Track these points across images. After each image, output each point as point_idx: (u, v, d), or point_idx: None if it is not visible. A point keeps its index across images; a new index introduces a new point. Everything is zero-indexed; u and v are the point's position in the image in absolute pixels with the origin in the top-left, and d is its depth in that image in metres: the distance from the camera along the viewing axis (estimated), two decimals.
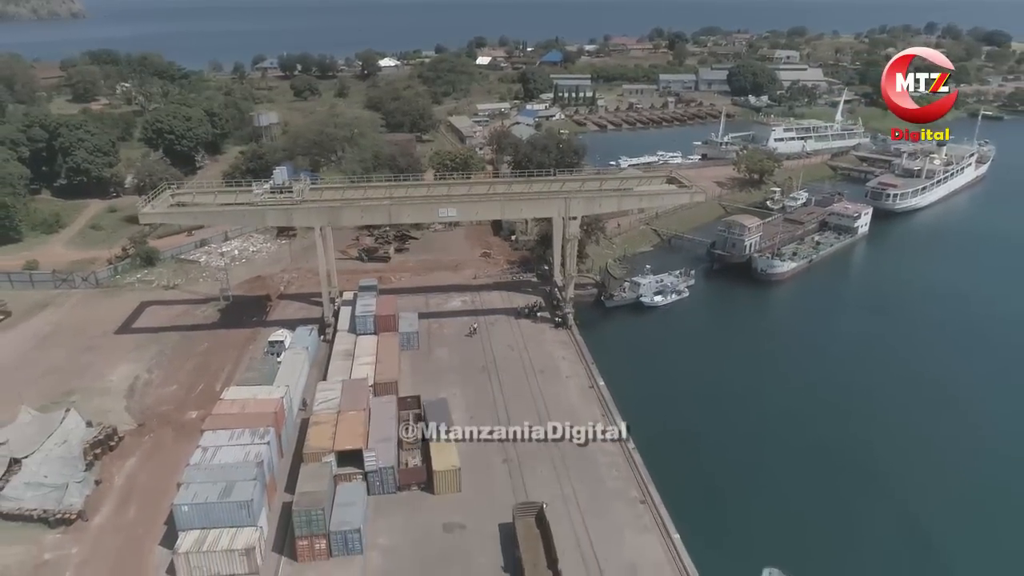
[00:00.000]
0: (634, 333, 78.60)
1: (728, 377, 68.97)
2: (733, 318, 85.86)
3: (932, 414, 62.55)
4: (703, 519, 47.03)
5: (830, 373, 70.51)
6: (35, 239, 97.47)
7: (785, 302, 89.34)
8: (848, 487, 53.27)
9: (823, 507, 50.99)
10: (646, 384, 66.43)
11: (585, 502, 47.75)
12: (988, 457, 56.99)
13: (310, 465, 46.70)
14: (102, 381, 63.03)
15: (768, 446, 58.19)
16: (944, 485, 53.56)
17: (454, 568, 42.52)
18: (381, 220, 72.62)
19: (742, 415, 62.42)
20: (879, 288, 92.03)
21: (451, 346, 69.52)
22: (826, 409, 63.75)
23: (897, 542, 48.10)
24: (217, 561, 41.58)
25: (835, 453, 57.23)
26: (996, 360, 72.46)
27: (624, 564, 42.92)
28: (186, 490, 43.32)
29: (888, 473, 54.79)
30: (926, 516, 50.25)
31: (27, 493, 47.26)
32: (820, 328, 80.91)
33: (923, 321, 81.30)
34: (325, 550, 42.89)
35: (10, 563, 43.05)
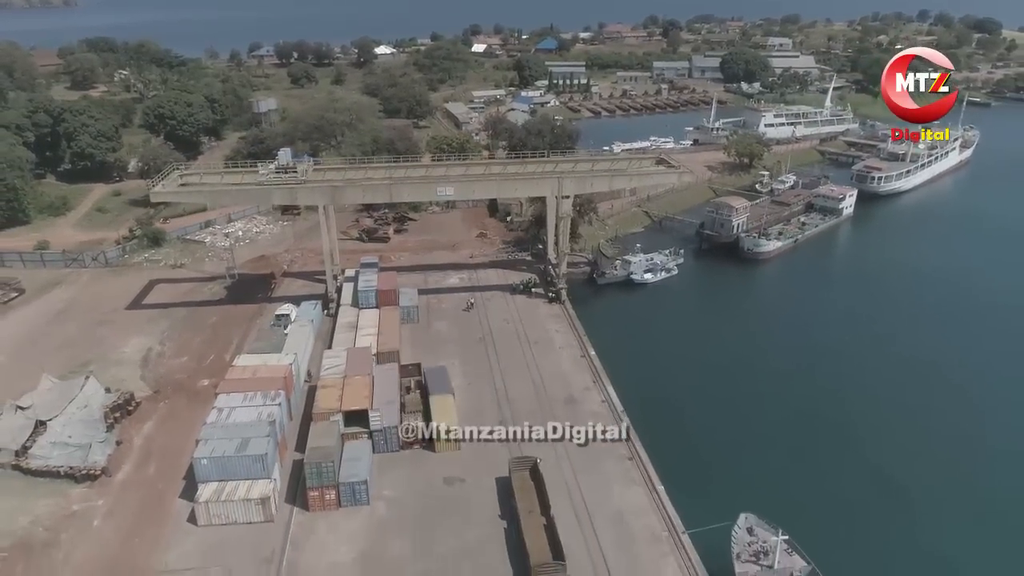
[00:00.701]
0: (624, 308, 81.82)
1: (713, 347, 72.36)
2: (720, 294, 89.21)
3: (909, 381, 66.03)
4: (686, 473, 50.30)
5: (812, 343, 74.00)
6: (43, 221, 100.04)
7: (770, 279, 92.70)
8: (823, 445, 56.81)
9: (797, 461, 54.51)
10: (635, 354, 69.68)
11: (576, 459, 51.07)
12: (960, 416, 60.53)
13: (319, 423, 49.90)
14: (116, 352, 66.07)
15: (749, 408, 61.69)
16: (916, 443, 57.12)
17: (455, 516, 45.86)
18: (382, 199, 75.56)
19: (725, 381, 65.84)
20: (862, 266, 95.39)
21: (449, 320, 72.74)
22: (805, 376, 67.27)
23: (865, 491, 51.69)
24: (234, 510, 44.85)
25: (812, 414, 60.79)
26: (973, 331, 75.89)
27: (612, 512, 46.34)
28: (204, 445, 46.54)
29: (862, 433, 58.32)
30: (895, 469, 53.81)
31: (53, 452, 50.35)
32: (803, 303, 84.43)
33: (904, 297, 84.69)
34: (334, 500, 46.20)
35: (42, 514, 46.25)
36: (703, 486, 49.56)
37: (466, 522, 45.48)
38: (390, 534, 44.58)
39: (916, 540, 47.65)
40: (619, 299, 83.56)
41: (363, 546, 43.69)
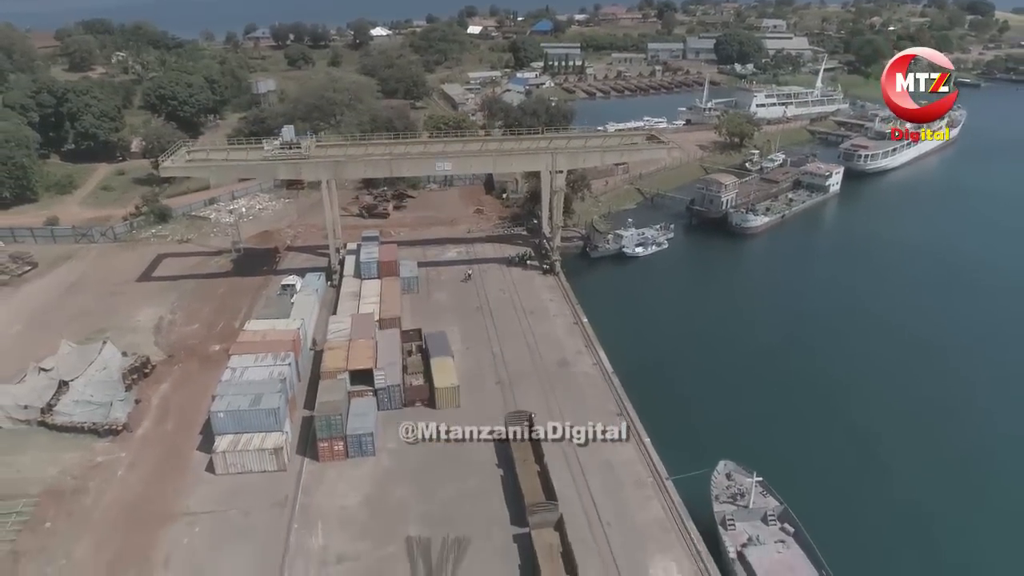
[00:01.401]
0: (616, 280, 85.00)
1: (700, 315, 75.80)
2: (708, 267, 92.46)
3: (884, 344, 69.48)
4: (671, 427, 53.61)
5: (794, 311, 77.52)
6: (50, 199, 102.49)
7: (758, 253, 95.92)
8: (798, 401, 60.44)
9: (774, 416, 58.13)
10: (626, 322, 72.99)
11: (569, 414, 54.35)
12: (933, 377, 64.13)
13: (327, 381, 53.08)
14: (130, 321, 69.05)
15: (730, 369, 65.24)
16: (885, 399, 60.79)
17: (455, 465, 49.15)
18: (382, 173, 78.35)
19: (710, 345, 69.32)
20: (846, 240, 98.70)
21: (448, 290, 75.85)
22: (785, 340, 70.84)
23: (835, 441, 55.39)
24: (250, 459, 48.15)
25: (789, 374, 64.50)
26: (951, 299, 79.25)
27: (600, 462, 49.72)
28: (221, 400, 49.72)
29: (836, 391, 61.85)
30: (864, 421, 57.58)
31: (76, 409, 53.49)
32: (788, 274, 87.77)
33: (886, 268, 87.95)
34: (342, 451, 49.51)
35: (69, 464, 49.47)
36: (686, 438, 52.85)
37: (465, 470, 48.83)
38: (395, 481, 47.96)
39: (879, 482, 51.35)
40: (611, 271, 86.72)
41: (369, 491, 47.07)
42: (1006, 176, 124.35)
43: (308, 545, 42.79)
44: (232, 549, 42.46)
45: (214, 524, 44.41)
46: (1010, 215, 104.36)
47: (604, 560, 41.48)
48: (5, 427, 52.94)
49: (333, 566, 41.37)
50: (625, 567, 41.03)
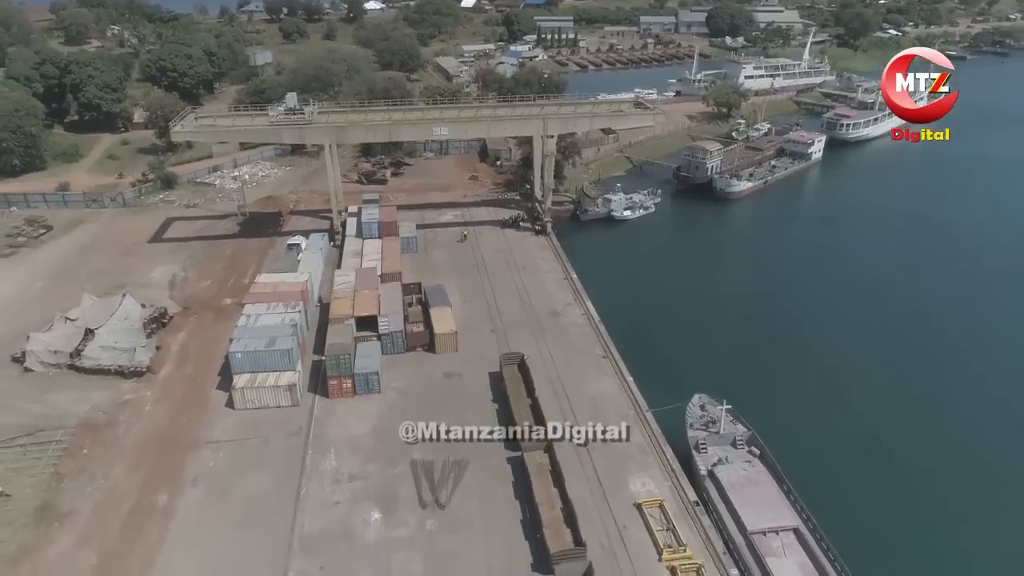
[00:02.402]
0: (605, 241, 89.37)
1: (683, 271, 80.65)
2: (692, 229, 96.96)
3: (855, 296, 74.60)
4: (652, 367, 58.36)
5: (772, 268, 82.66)
6: (58, 168, 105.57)
7: (741, 216, 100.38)
8: (768, 344, 65.93)
9: (746, 357, 63.47)
10: (613, 277, 77.48)
11: (558, 357, 59.06)
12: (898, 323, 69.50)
13: (335, 326, 57.52)
14: (145, 278, 73.02)
15: (709, 317, 70.60)
16: (851, 343, 66.26)
17: (454, 400, 53.78)
18: (382, 138, 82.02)
19: (691, 297, 74.33)
20: (826, 204, 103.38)
21: (445, 249, 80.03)
22: (762, 292, 76.17)
23: (803, 378, 60.84)
24: (266, 395, 52.62)
25: (762, 321, 69.83)
26: (922, 258, 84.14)
27: (587, 396, 54.45)
28: (238, 342, 54.05)
29: (807, 337, 67.15)
30: (829, 361, 63.01)
31: (103, 354, 57.76)
32: (768, 235, 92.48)
33: (861, 230, 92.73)
34: (351, 389, 53.98)
35: (99, 402, 53.85)
36: (665, 376, 57.51)
37: (464, 405, 53.36)
38: (399, 413, 52.33)
39: (838, 411, 57.00)
40: (600, 233, 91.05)
41: (376, 423, 51.64)
42: (985, 143, 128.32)
43: (322, 467, 47.45)
44: (253, 470, 47.10)
45: (236, 450, 49.01)
46: (985, 181, 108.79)
47: (588, 477, 46.28)
48: (37, 370, 57.18)
49: (345, 484, 46.06)
50: (607, 482, 45.86)
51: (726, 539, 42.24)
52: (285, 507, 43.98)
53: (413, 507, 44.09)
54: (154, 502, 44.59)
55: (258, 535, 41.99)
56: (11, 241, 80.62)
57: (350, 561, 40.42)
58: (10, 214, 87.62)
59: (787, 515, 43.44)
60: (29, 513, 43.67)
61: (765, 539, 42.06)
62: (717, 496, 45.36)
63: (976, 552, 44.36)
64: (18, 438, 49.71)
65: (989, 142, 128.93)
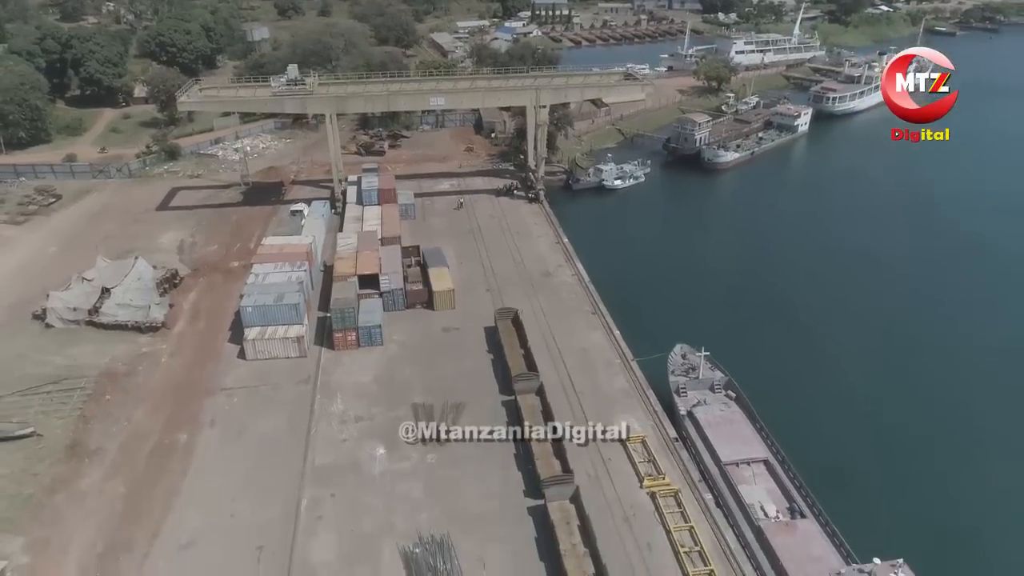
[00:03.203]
0: (596, 209, 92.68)
1: (670, 236, 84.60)
2: (680, 197, 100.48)
3: (837, 262, 78.46)
4: (638, 322, 62.04)
5: (754, 233, 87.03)
6: (63, 140, 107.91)
7: (728, 185, 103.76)
8: (744, 297, 71.07)
9: (723, 310, 68.28)
10: (603, 242, 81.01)
11: (550, 313, 62.68)
12: (864, 280, 74.06)
13: (339, 283, 60.90)
14: (154, 243, 76.11)
15: (692, 275, 75.29)
16: (826, 301, 70.96)
17: (452, 351, 57.54)
18: (381, 108, 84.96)
19: (676, 258, 78.74)
20: (811, 175, 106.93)
21: (442, 216, 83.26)
22: (743, 254, 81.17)
23: (777, 329, 65.22)
24: (275, 347, 56.15)
25: (740, 278, 75.03)
26: (902, 224, 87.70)
27: (576, 348, 58.16)
28: (248, 298, 57.49)
29: (783, 291, 72.07)
30: (803, 315, 67.50)
31: (119, 311, 61.08)
32: (752, 203, 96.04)
33: (845, 200, 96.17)
34: (355, 341, 57.55)
35: (118, 354, 57.29)
36: (650, 330, 61.07)
37: (461, 355, 57.15)
38: (400, 364, 56.17)
39: (808, 360, 61.48)
40: (592, 202, 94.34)
41: (379, 372, 55.29)
42: (967, 114, 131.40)
43: (330, 410, 51.15)
44: (266, 413, 50.78)
45: (249, 396, 52.64)
46: (965, 151, 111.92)
47: (576, 417, 49.95)
48: (58, 326, 60.51)
49: (352, 424, 49.77)
50: (595, 420, 49.52)
51: (702, 470, 46.10)
52: (297, 444, 47.70)
53: (415, 443, 47.74)
54: (175, 440, 48.25)
55: (273, 468, 45.72)
56: (23, 209, 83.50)
57: (358, 489, 44.20)
58: (20, 184, 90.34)
59: (758, 448, 47.33)
60: (60, 451, 47.27)
61: (737, 469, 45.94)
62: (695, 433, 49.20)
63: (925, 480, 48.54)
64: (44, 386, 53.19)
65: (975, 111, 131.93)
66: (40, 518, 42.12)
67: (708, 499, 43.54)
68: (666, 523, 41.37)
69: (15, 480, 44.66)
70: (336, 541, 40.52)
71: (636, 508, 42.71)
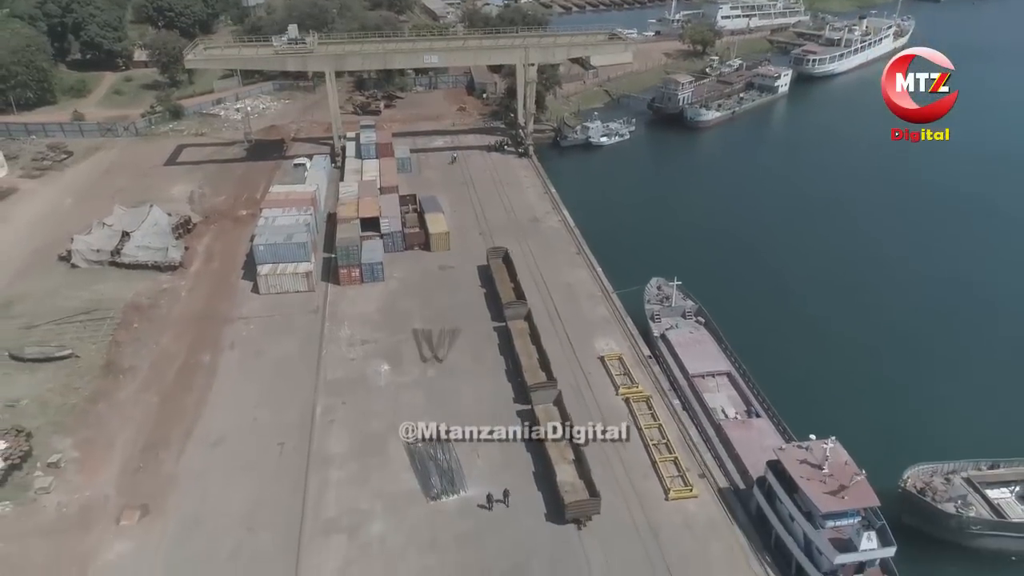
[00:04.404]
0: (583, 164, 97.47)
1: (651, 186, 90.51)
2: (664, 153, 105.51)
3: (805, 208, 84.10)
4: (618, 259, 67.46)
5: (728, 182, 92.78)
6: (68, 102, 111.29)
7: (708, 142, 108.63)
8: (716, 236, 77.12)
9: (695, 246, 74.62)
10: (588, 193, 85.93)
11: (538, 254, 67.97)
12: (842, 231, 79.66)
13: (343, 224, 65.94)
14: (166, 194, 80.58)
15: (670, 219, 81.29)
16: (790, 237, 77.91)
17: (448, 286, 62.95)
18: (377, 65, 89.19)
19: (656, 206, 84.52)
20: (788, 133, 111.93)
21: (436, 170, 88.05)
22: (716, 202, 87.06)
23: (745, 264, 71.32)
24: (286, 281, 61.35)
25: (713, 219, 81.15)
26: (870, 178, 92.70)
27: (562, 283, 63.63)
28: (260, 237, 62.51)
29: (749, 231, 78.16)
30: (774, 253, 73.90)
31: (139, 252, 65.97)
32: (732, 159, 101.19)
33: (819, 156, 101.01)
34: (358, 277, 62.80)
35: (141, 290, 62.35)
36: (630, 268, 66.03)
37: (456, 290, 62.57)
38: (401, 297, 61.53)
39: (772, 290, 67.36)
40: (579, 157, 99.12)
41: (382, 303, 60.66)
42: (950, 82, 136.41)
43: (338, 335, 56.56)
44: (280, 338, 56.19)
45: (264, 324, 58.00)
46: None
47: (561, 340, 55.62)
48: (82, 266, 65.42)
49: (359, 346, 55.21)
50: (576, 342, 55.26)
51: (671, 381, 51.81)
52: (309, 363, 53.17)
53: (416, 361, 53.40)
54: (200, 360, 53.64)
55: (289, 382, 51.22)
56: (37, 164, 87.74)
57: (366, 398, 49.78)
58: (32, 141, 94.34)
59: (722, 363, 53.05)
60: (97, 369, 52.57)
61: (703, 380, 51.64)
62: (667, 352, 54.83)
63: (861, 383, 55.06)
64: (76, 316, 58.35)
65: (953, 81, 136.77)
66: (85, 422, 47.59)
67: (676, 404, 49.35)
68: (638, 422, 47.16)
69: (59, 393, 49.98)
70: (348, 438, 46.17)
71: (612, 411, 48.45)
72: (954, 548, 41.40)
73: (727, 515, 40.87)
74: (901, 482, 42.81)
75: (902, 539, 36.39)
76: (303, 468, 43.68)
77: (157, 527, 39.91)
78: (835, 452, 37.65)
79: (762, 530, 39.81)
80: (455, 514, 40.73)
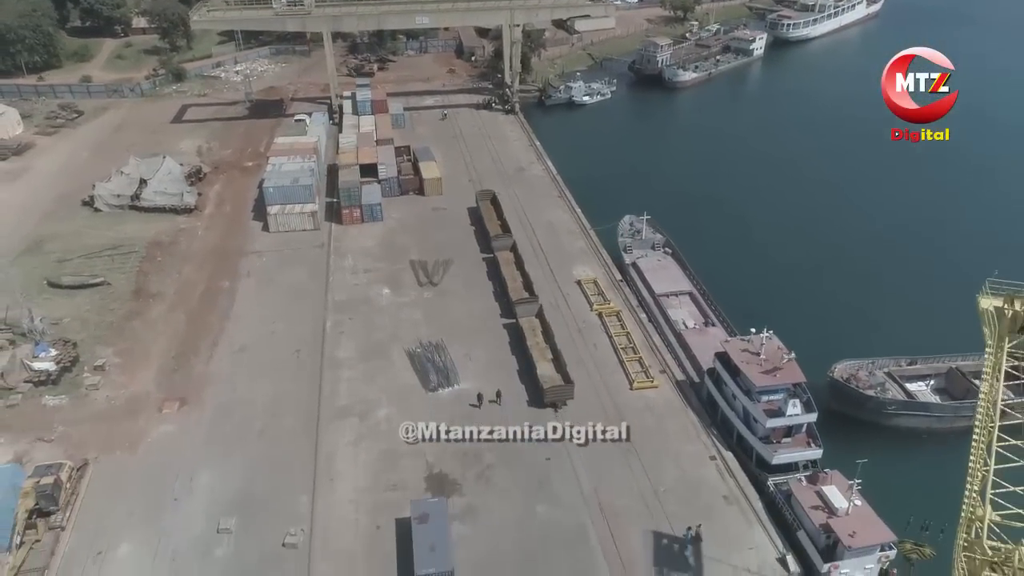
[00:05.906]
0: (566, 121, 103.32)
1: (629, 140, 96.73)
2: (643, 111, 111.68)
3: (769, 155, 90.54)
4: (596, 202, 73.91)
5: (701, 134, 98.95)
6: (72, 66, 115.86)
7: (685, 101, 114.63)
8: (683, 178, 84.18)
9: (666, 184, 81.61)
10: (571, 147, 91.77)
11: (523, 198, 74.34)
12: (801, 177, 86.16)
13: (344, 169, 72.09)
14: (175, 148, 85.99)
15: (644, 166, 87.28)
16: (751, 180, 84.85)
17: (441, 224, 69.40)
18: (372, 26, 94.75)
19: (631, 155, 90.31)
20: (761, 93, 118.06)
21: (428, 126, 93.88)
22: (693, 152, 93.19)
23: (710, 201, 78.19)
24: (293, 220, 67.54)
25: (682, 164, 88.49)
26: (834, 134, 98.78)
27: (545, 222, 70.17)
28: (269, 180, 68.59)
29: (711, 172, 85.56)
30: (736, 192, 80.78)
31: (157, 197, 71.90)
32: (707, 116, 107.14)
33: (789, 114, 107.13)
34: (359, 217, 69.09)
35: (161, 229, 68.41)
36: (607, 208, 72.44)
37: (449, 227, 69.01)
38: (398, 234, 67.95)
39: (736, 224, 73.72)
40: (562, 115, 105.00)
41: (381, 239, 67.09)
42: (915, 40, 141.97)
43: (343, 264, 63.06)
44: (291, 268, 62.63)
45: (276, 256, 64.37)
46: None
47: (543, 267, 62.29)
48: (105, 210, 71.32)
49: (361, 274, 61.73)
50: (556, 269, 61.94)
51: (640, 299, 58.68)
52: (318, 287, 59.72)
53: (413, 286, 60.02)
54: (220, 286, 60.04)
55: (301, 303, 57.75)
56: (51, 122, 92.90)
57: (370, 315, 56.41)
58: (43, 102, 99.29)
59: (685, 284, 59.94)
60: (127, 294, 58.85)
61: (668, 299, 58.44)
62: (637, 277, 61.61)
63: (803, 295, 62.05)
64: (104, 251, 64.46)
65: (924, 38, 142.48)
66: (123, 336, 54.02)
67: (643, 317, 56.27)
68: (608, 331, 54.07)
69: (96, 312, 56.33)
70: (356, 346, 52.87)
71: (586, 323, 55.33)
72: (873, 427, 48.65)
73: (682, 400, 47.97)
74: (830, 372, 49.98)
75: (830, 423, 43.41)
76: (318, 369, 50.36)
77: (195, 414, 46.58)
78: (770, 342, 44.51)
79: (712, 412, 46.90)
80: (450, 402, 47.55)
